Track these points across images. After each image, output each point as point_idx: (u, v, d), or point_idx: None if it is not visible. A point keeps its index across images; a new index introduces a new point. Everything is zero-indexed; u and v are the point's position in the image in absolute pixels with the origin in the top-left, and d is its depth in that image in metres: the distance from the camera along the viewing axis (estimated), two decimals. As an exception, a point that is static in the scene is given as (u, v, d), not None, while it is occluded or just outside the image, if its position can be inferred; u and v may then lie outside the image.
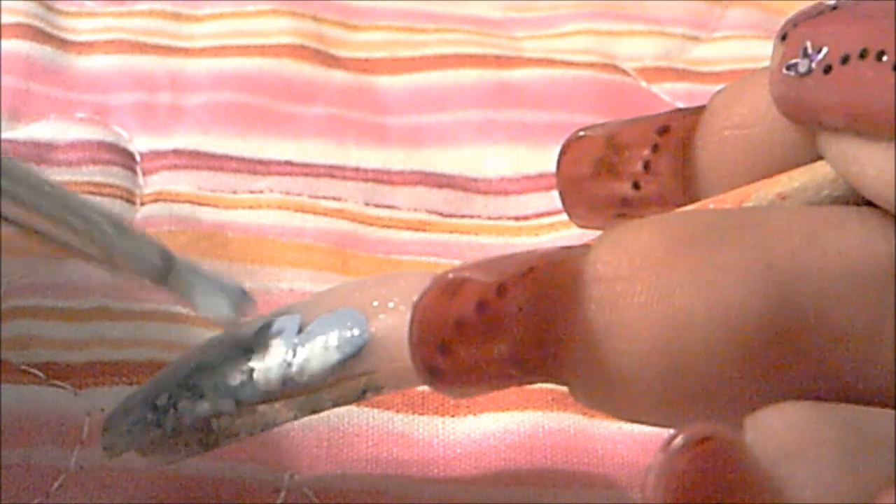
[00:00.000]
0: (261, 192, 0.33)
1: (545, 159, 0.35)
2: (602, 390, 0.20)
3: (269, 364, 0.21)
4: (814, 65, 0.19)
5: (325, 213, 0.33)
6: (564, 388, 0.28)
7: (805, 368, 0.19)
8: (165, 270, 0.22)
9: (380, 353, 0.21)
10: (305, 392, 0.21)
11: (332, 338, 0.21)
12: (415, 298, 0.19)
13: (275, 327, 0.22)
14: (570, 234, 0.32)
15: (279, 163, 0.34)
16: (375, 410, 0.28)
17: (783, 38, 0.20)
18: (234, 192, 0.33)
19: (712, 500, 0.16)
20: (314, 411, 0.22)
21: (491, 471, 0.27)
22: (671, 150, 0.22)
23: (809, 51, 0.19)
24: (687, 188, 0.22)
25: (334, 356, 0.21)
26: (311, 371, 0.21)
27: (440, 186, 0.34)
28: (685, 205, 0.22)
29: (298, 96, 0.36)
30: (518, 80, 0.37)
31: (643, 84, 0.37)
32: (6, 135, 0.34)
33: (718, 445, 0.17)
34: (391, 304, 0.21)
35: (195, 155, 0.34)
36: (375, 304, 0.21)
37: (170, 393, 0.22)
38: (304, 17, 0.38)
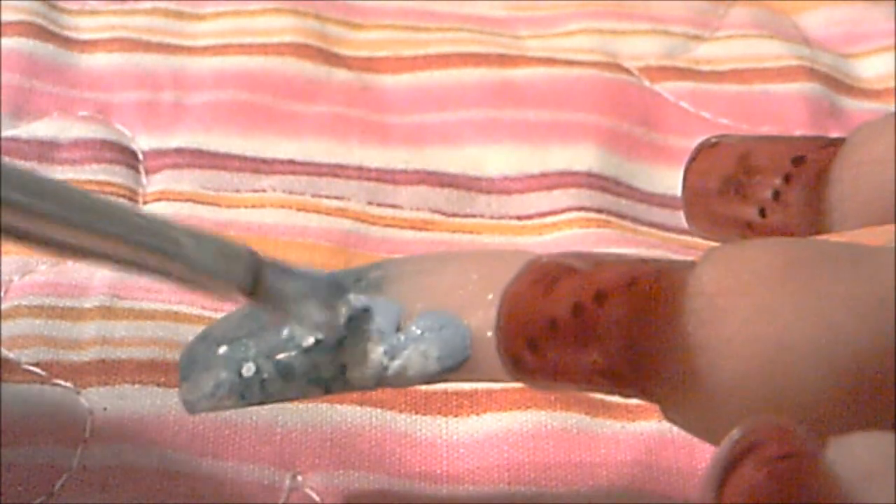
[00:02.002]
0: (263, 191, 0.33)
1: (548, 159, 0.35)
2: (696, 409, 0.19)
3: (363, 367, 0.21)
4: None
5: (328, 212, 0.33)
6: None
7: None
8: (254, 282, 0.20)
9: (479, 370, 0.20)
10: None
11: (433, 348, 0.20)
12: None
13: (372, 318, 0.21)
14: (572, 234, 0.32)
15: (282, 162, 0.34)
16: (378, 410, 0.28)
17: None
18: (237, 192, 0.33)
19: None
20: None
21: (494, 471, 0.27)
22: (804, 181, 0.21)
23: None
24: (815, 221, 0.21)
25: (433, 367, 0.20)
26: (407, 377, 0.21)
27: (443, 186, 0.34)
28: (806, 235, 0.21)
29: (301, 95, 0.36)
30: (521, 79, 0.37)
31: (646, 83, 0.37)
32: (9, 133, 0.34)
33: (799, 461, 0.16)
34: (500, 321, 0.20)
35: (198, 154, 0.34)
36: (481, 313, 0.20)
37: (257, 366, 0.21)
38: (307, 15, 0.38)
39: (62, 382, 0.28)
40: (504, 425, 0.27)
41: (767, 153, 0.22)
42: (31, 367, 0.28)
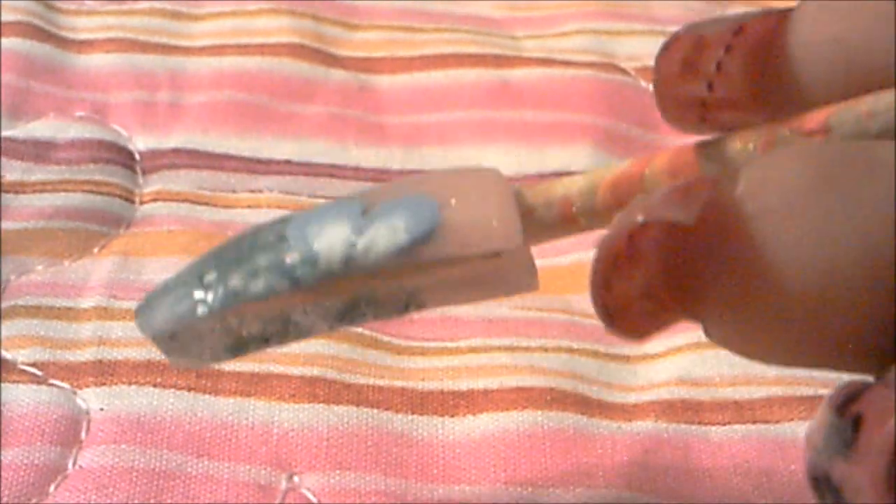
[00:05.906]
0: (260, 191, 0.33)
1: (545, 159, 0.35)
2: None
3: (330, 242, 0.20)
4: None
5: (325, 212, 0.33)
6: (564, 388, 0.28)
7: None
8: None
9: (452, 238, 0.19)
10: (367, 277, 0.20)
11: (400, 218, 0.20)
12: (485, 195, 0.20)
13: (334, 209, 0.20)
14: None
15: (279, 162, 0.34)
16: (375, 410, 0.28)
17: None
18: (234, 192, 0.33)
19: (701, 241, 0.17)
20: (351, 322, 0.20)
21: (490, 471, 0.27)
22: (744, 51, 0.21)
23: None
24: (759, 93, 0.21)
25: (402, 237, 0.19)
26: (377, 252, 0.20)
27: (440, 186, 0.34)
28: (756, 111, 0.21)
29: (298, 95, 0.36)
30: (518, 79, 0.37)
31: (643, 84, 0.37)
32: (6, 133, 0.34)
33: (704, 185, 0.17)
34: (464, 193, 0.19)
35: (195, 154, 0.34)
36: (445, 192, 0.20)
37: (219, 271, 0.20)
38: (304, 16, 0.38)
39: (59, 383, 0.28)
40: (500, 425, 0.27)
41: (715, 29, 0.22)
42: (28, 368, 0.28)
